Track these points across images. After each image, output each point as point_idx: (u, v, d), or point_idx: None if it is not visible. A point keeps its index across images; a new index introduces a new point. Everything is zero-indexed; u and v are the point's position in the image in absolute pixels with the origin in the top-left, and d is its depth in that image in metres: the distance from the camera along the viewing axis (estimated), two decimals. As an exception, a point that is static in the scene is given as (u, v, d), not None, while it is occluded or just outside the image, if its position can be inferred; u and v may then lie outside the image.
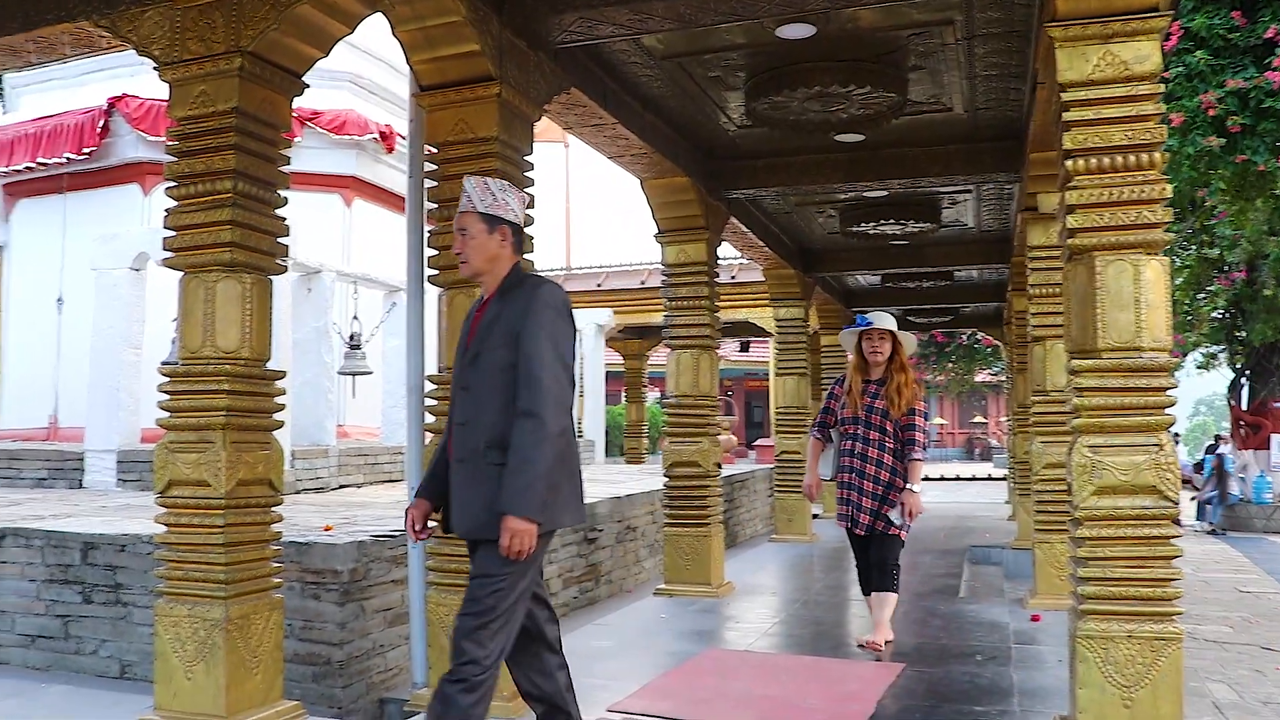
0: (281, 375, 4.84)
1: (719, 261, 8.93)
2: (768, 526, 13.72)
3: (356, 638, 5.63)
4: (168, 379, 4.68)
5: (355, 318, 10.26)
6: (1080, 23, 4.16)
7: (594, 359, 16.66)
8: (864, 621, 7.65)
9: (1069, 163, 4.21)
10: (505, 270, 3.71)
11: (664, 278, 8.54)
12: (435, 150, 5.19)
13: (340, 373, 10.19)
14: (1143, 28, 4.11)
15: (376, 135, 11.50)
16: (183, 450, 4.55)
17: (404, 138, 11.94)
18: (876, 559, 6.36)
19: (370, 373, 10.46)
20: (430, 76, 5.15)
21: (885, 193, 9.44)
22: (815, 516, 13.70)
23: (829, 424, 6.68)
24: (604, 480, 11.68)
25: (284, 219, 4.87)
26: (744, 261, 14.66)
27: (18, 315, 12.25)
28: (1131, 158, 4.11)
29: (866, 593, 6.59)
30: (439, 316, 5.12)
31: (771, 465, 13.54)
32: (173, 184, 4.75)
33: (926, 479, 27.79)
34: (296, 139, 4.91)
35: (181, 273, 4.70)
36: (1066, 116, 4.22)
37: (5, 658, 6.42)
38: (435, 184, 5.16)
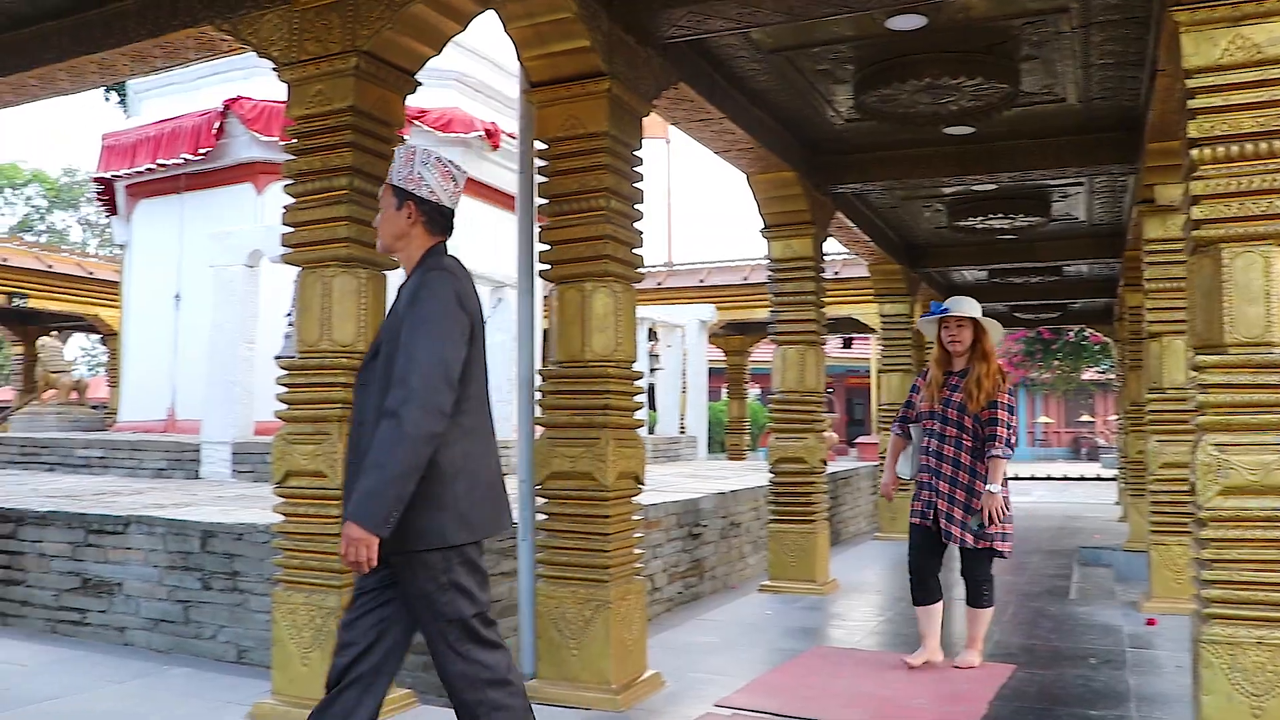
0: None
1: (823, 256, 8.86)
2: (871, 524, 13.56)
3: (466, 628, 5.70)
4: (284, 371, 4.80)
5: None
6: (1208, 6, 4.01)
7: (697, 355, 16.62)
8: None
9: (1194, 152, 4.06)
10: (419, 253, 3.40)
11: (770, 273, 8.49)
12: (545, 146, 5.23)
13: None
14: (1277, 8, 3.94)
15: (482, 133, 11.64)
16: (300, 442, 4.65)
17: (509, 135, 12.13)
18: (967, 574, 5.81)
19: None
20: (541, 73, 5.19)
21: (994, 186, 9.28)
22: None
23: (910, 419, 6.11)
24: (707, 476, 11.66)
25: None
26: (848, 256, 14.52)
27: (138, 312, 12.69)
28: (1263, 145, 3.94)
29: (918, 602, 5.89)
30: (551, 311, 5.16)
31: (875, 463, 13.39)
32: (290, 181, 4.85)
33: (1030, 478, 27.26)
34: (404, 137, 5.03)
35: (299, 268, 4.79)
36: (1192, 104, 4.07)
37: (131, 639, 6.63)
38: (545, 180, 5.20)
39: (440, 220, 3.48)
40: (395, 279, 6.26)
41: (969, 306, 5.78)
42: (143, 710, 4.92)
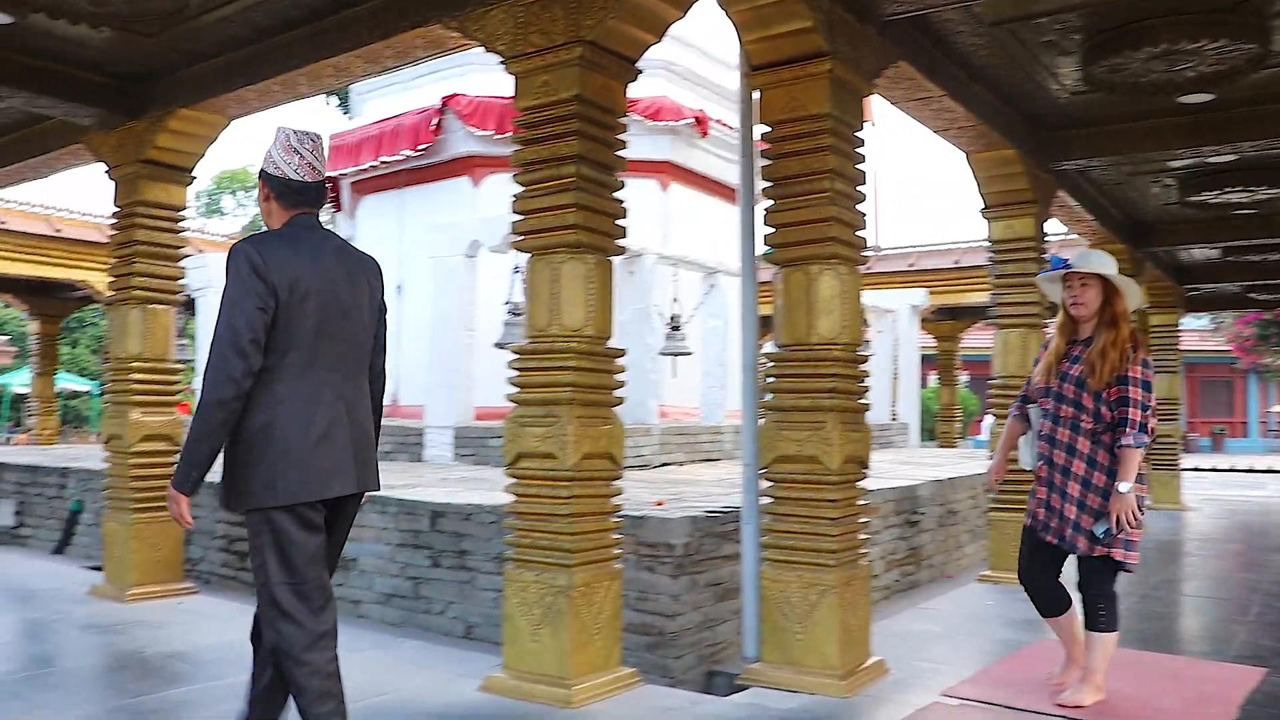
0: (622, 353, 5.02)
1: (1045, 237, 8.54)
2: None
3: (688, 610, 5.76)
4: (516, 356, 4.94)
5: (675, 299, 10.50)
6: None
7: (908, 341, 16.28)
8: (1210, 622, 7.15)
9: None
10: (277, 225, 3.50)
11: (990, 255, 8.24)
12: (767, 129, 5.21)
13: (661, 353, 10.44)
14: None
15: (691, 120, 11.69)
16: (531, 424, 4.78)
17: (718, 122, 12.15)
18: (1081, 588, 4.72)
19: (690, 353, 10.68)
20: (761, 55, 5.16)
21: (1234, 157, 8.72)
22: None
23: (1030, 399, 5.01)
24: (921, 463, 11.44)
25: (622, 201, 5.04)
26: (1070, 237, 13.96)
27: (364, 302, 13.27)
28: None
29: (1044, 614, 4.93)
30: (775, 294, 5.14)
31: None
32: (519, 170, 4.97)
33: (1267, 471, 25.62)
34: (626, 124, 5.12)
35: (528, 254, 4.91)
36: None
37: (365, 613, 6.98)
38: (768, 163, 5.18)
39: (290, 194, 3.50)
40: (619, 263, 6.34)
41: (1097, 261, 4.77)
42: (382, 679, 5.14)
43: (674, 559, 5.67)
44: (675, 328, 10.43)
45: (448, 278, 10.19)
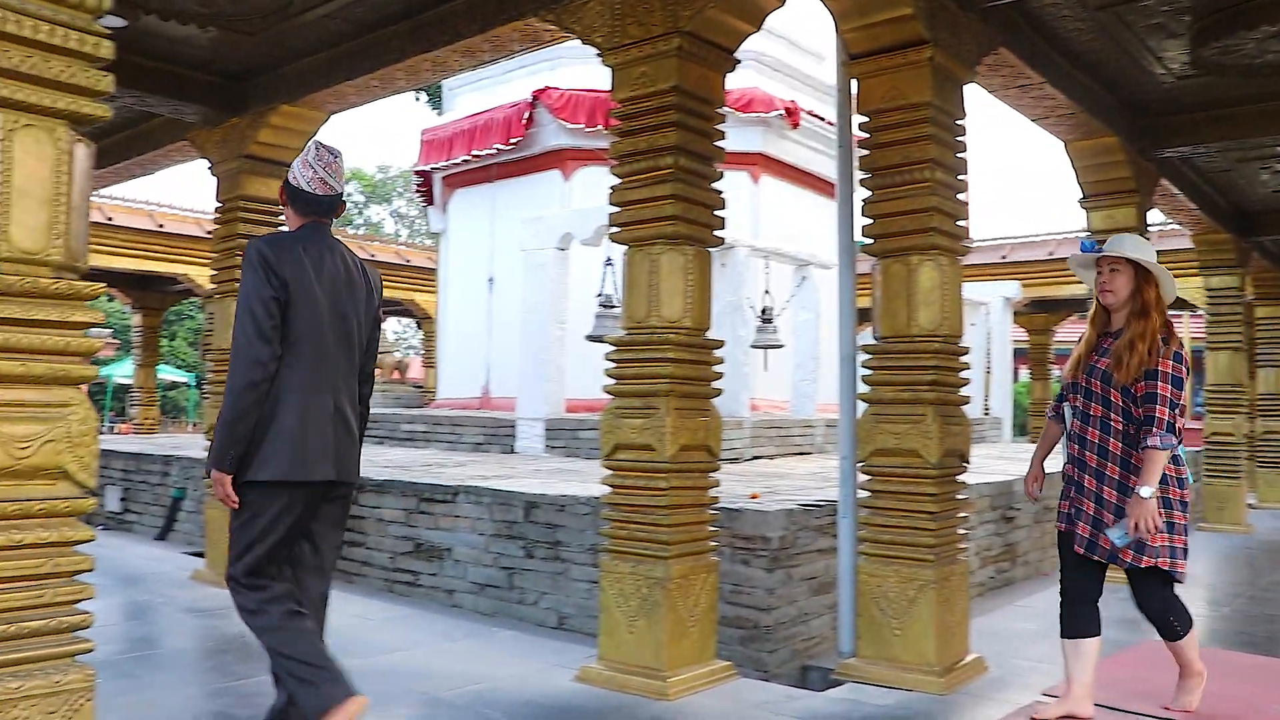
0: (720, 344, 5.01)
1: (1148, 227, 8.33)
2: (1193, 514, 12.71)
3: (783, 604, 5.73)
4: (613, 348, 4.94)
5: (767, 292, 10.44)
6: None
7: (1001, 334, 16.00)
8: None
9: None
10: (293, 229, 3.82)
11: (1088, 246, 8.05)
12: (866, 119, 5.15)
13: (753, 346, 10.40)
14: None
15: (782, 112, 11.61)
16: (629, 416, 4.79)
17: (809, 114, 12.06)
18: (1138, 604, 4.37)
19: (781, 346, 10.62)
20: (860, 44, 5.11)
21: (1351, 142, 8.42)
22: (1250, 506, 12.52)
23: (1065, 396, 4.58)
24: (1015, 458, 11.23)
25: (720, 193, 5.02)
26: (1171, 226, 13.60)
27: (454, 295, 13.44)
28: None
29: (1063, 633, 4.46)
30: (874, 285, 5.09)
31: (1199, 448, 12.50)
32: (617, 162, 4.98)
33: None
34: (724, 115, 5.13)
35: (626, 246, 4.92)
36: None
37: (458, 602, 7.05)
38: (867, 153, 5.12)
39: (302, 203, 3.81)
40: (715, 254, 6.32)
41: (1129, 245, 4.32)
42: (477, 668, 5.20)
43: (769, 552, 5.64)
44: (767, 320, 10.38)
45: (539, 271, 10.25)
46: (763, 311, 10.41)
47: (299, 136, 7.36)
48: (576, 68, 11.80)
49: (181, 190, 56.70)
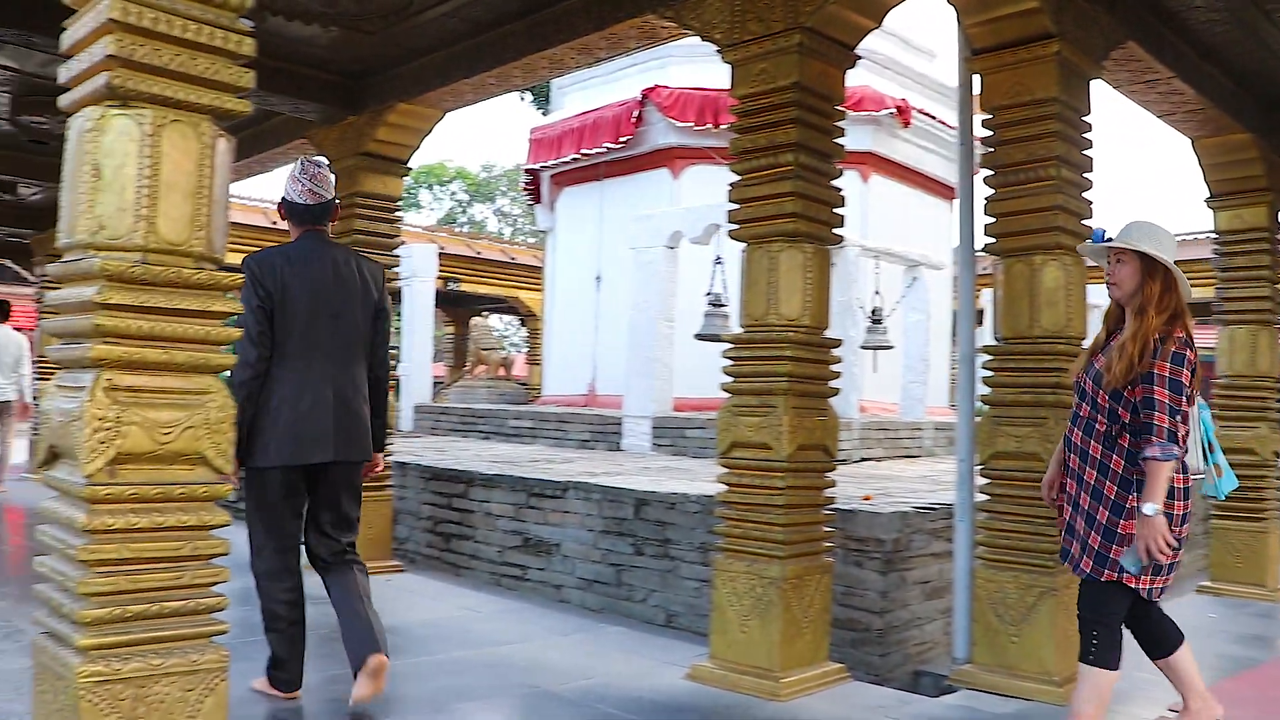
0: (838, 343, 4.96)
1: None
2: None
3: (896, 608, 5.65)
4: (730, 345, 4.92)
5: (877, 292, 10.32)
6: None
7: (1115, 338, 15.57)
8: None
9: None
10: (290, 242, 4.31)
11: (1216, 247, 7.79)
12: (989, 116, 5.05)
13: (862, 347, 10.28)
14: None
15: (893, 110, 11.47)
16: (746, 414, 4.76)
17: (920, 112, 11.89)
18: (1080, 608, 3.98)
19: (891, 347, 10.49)
20: (983, 39, 5.01)
21: None
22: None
23: None
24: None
25: (840, 190, 4.96)
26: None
27: (561, 293, 13.54)
28: None
29: (1151, 656, 4.22)
30: (995, 286, 4.99)
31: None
32: (736, 159, 4.95)
33: None
34: (845, 112, 5.09)
35: (744, 244, 4.89)
36: None
37: (566, 597, 7.09)
38: (989, 150, 5.02)
39: (296, 214, 4.32)
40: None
41: (1137, 234, 3.90)
42: (588, 663, 5.21)
43: (883, 554, 5.56)
44: (877, 321, 10.26)
45: (648, 268, 10.27)
46: (872, 312, 10.29)
47: (415, 134, 7.48)
48: (685, 66, 11.79)
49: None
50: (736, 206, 4.93)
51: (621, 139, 11.90)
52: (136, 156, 2.70)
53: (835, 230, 4.94)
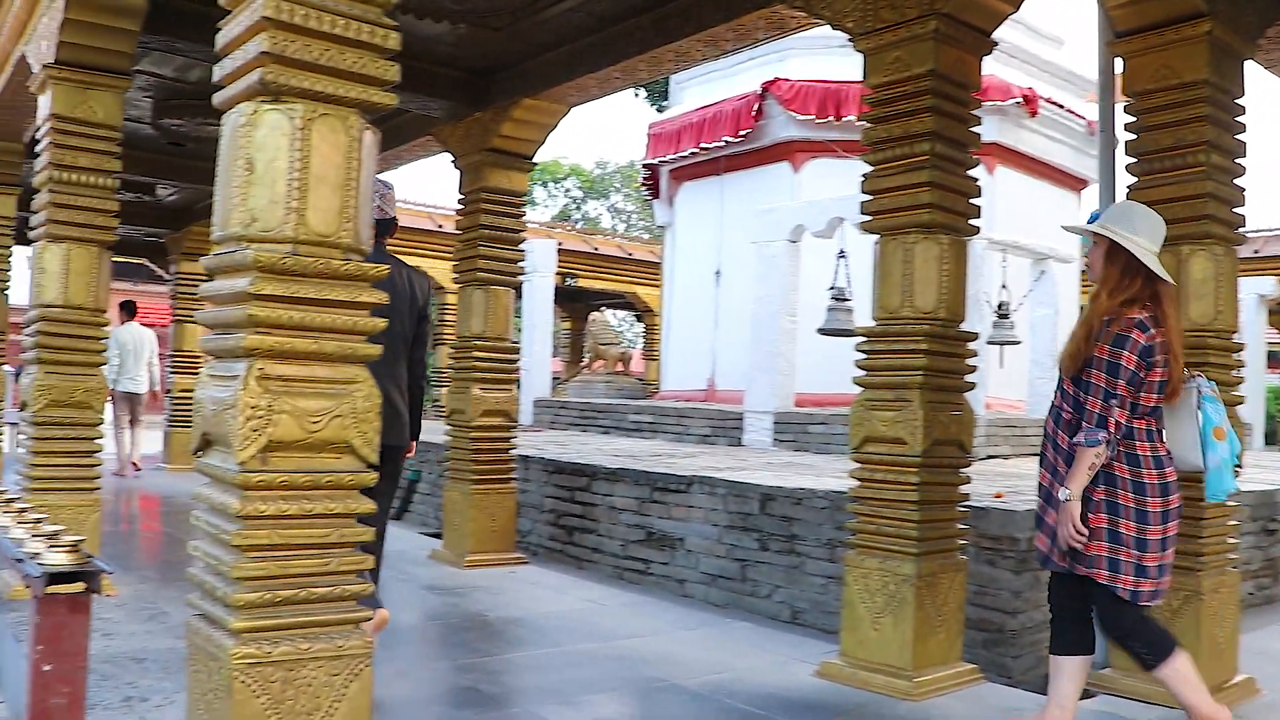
0: (974, 337, 4.84)
1: None
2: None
3: (1030, 608, 5.51)
4: (864, 339, 4.85)
5: (1004, 286, 10.09)
6: None
7: (1253, 333, 14.92)
8: None
9: None
10: None
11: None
12: (1131, 101, 4.87)
13: (988, 342, 10.06)
14: None
15: (1019, 99, 11.20)
16: (880, 408, 4.67)
17: (1047, 101, 11.59)
18: (1099, 624, 3.89)
19: (1018, 342, 10.25)
20: (1127, 20, 4.83)
21: None
22: None
23: None
24: (1271, 467, 10.52)
25: (976, 180, 4.85)
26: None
27: (680, 288, 13.54)
28: None
29: (1053, 649, 3.99)
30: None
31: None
32: (868, 149, 4.87)
33: None
34: (981, 101, 4.96)
35: (878, 235, 4.81)
36: None
37: (689, 591, 7.08)
38: (1132, 136, 4.85)
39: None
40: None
41: (1109, 216, 3.88)
42: (714, 657, 5.19)
43: (1017, 554, 5.43)
44: (1003, 316, 10.02)
45: (769, 263, 10.20)
46: (999, 306, 10.06)
47: (540, 129, 7.53)
48: (806, 58, 11.69)
49: (414, 185, 59.14)
50: (869, 198, 4.85)
51: (741, 132, 11.85)
52: (287, 150, 2.75)
53: (971, 221, 4.82)
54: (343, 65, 2.83)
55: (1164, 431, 3.81)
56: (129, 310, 12.61)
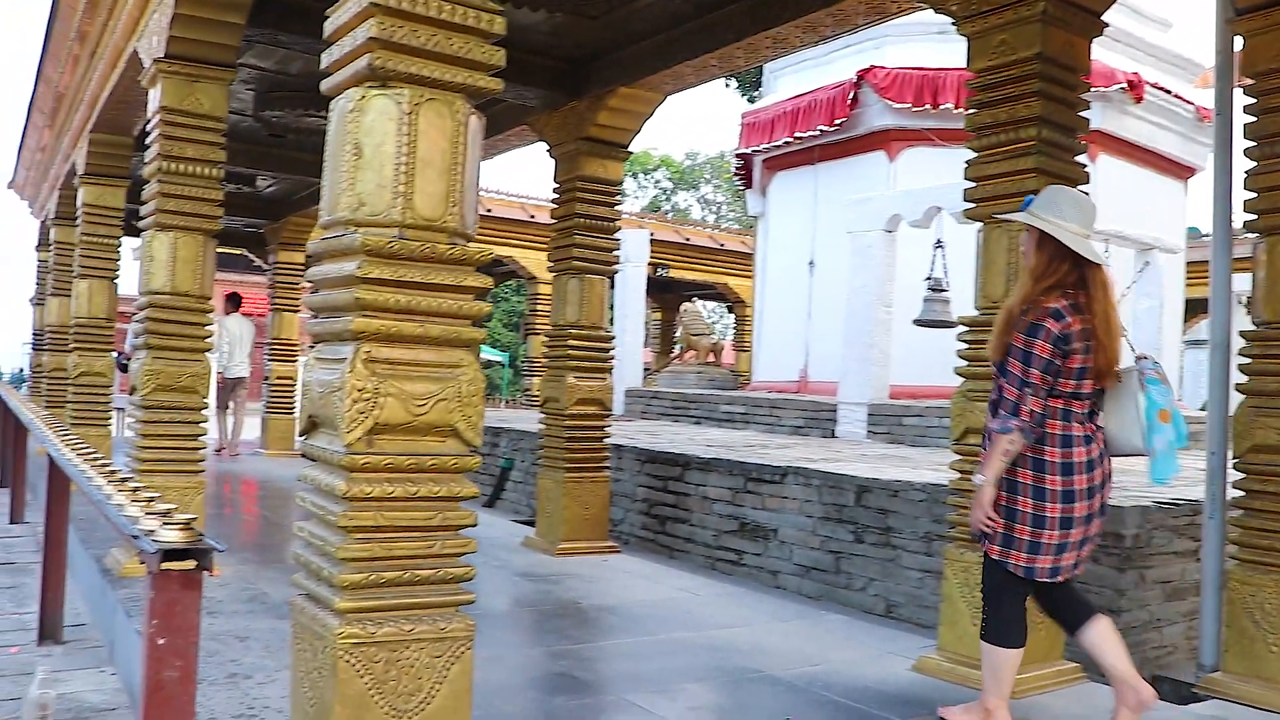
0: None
1: None
2: None
3: (1134, 607, 5.37)
4: (966, 329, 4.75)
5: (1106, 277, 9.84)
6: None
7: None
8: None
9: None
10: None
11: None
12: (1252, 82, 4.70)
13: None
14: None
15: (1124, 85, 10.91)
16: (980, 399, 4.57)
17: (1153, 86, 11.28)
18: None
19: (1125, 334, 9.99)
20: (1249, -2, 4.66)
21: None
22: None
23: None
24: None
25: (1085, 166, 4.73)
26: None
27: (773, 278, 13.46)
28: None
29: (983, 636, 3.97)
30: (1255, 266, 4.64)
31: None
32: (972, 135, 4.77)
33: None
34: (1090, 85, 4.81)
35: (981, 223, 4.71)
36: None
37: (782, 583, 7.04)
38: (1253, 119, 4.68)
39: None
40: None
41: (1042, 201, 3.84)
42: (809, 649, 5.14)
43: (1121, 551, 5.29)
44: (1107, 308, 9.77)
45: (865, 253, 10.09)
46: (1101, 298, 9.80)
47: (636, 118, 7.51)
48: (902, 46, 11.53)
49: (506, 176, 59.69)
50: (972, 184, 4.75)
51: (836, 121, 11.74)
52: (395, 135, 2.78)
53: (1079, 208, 4.69)
54: (449, 50, 2.84)
55: (1099, 414, 3.80)
56: (235, 302, 13.22)
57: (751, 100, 19.85)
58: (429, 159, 2.80)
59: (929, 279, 9.30)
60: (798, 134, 12.21)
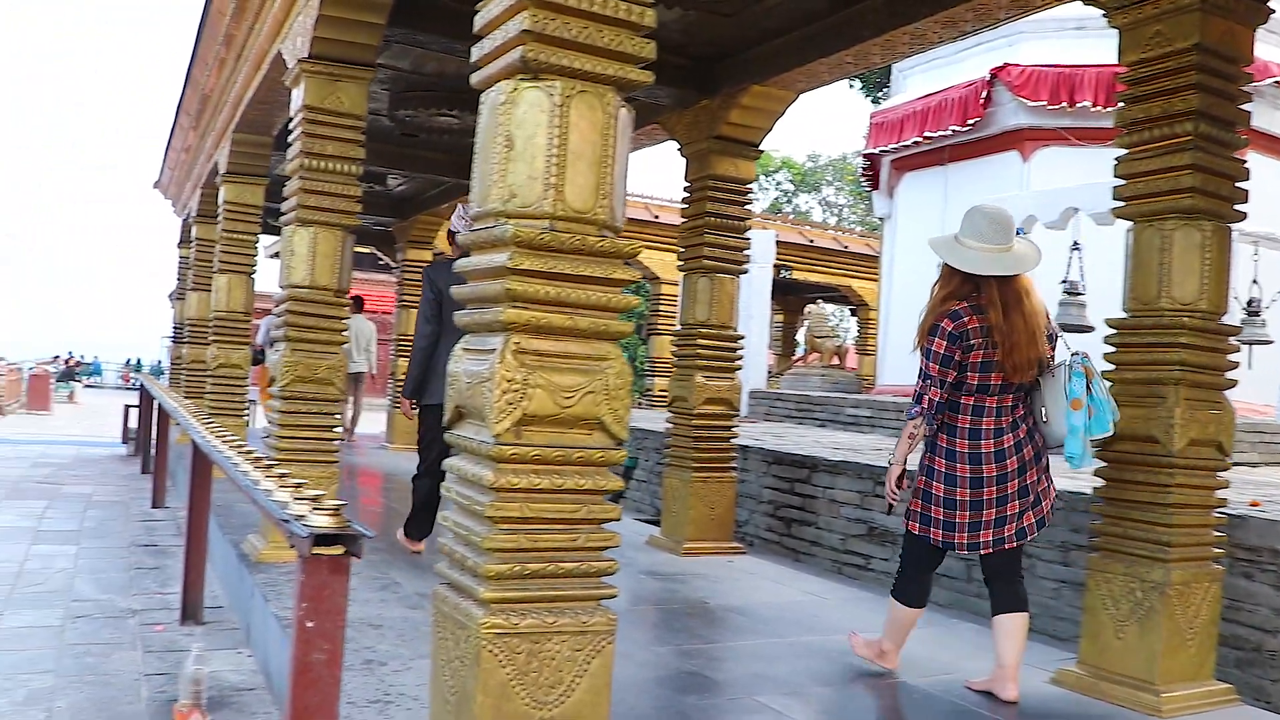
0: (1236, 331, 4.56)
1: None
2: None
3: (1291, 625, 5.14)
4: (1113, 330, 4.61)
5: (1255, 281, 9.46)
6: None
7: None
8: None
9: None
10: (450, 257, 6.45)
11: None
12: None
13: (1236, 341, 9.46)
14: None
15: (1277, 79, 10.47)
16: (1130, 404, 4.42)
17: (1308, 83, 10.79)
18: None
19: (1270, 342, 9.58)
20: None
21: None
22: None
23: None
24: None
25: (1244, 162, 4.54)
26: None
27: (899, 280, 13.25)
28: None
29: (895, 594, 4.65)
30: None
31: None
32: (1123, 130, 4.61)
33: None
34: (1251, 76, 4.58)
35: (1131, 221, 4.55)
36: None
37: (911, 592, 6.90)
38: None
39: (456, 240, 6.27)
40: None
41: (961, 224, 4.44)
42: (942, 657, 5.04)
43: (1278, 567, 5.06)
44: (1254, 313, 9.39)
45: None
46: (1249, 303, 9.43)
47: (768, 116, 7.46)
48: (1037, 43, 11.26)
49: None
50: (1123, 182, 4.59)
51: (969, 121, 11.52)
52: (546, 127, 2.79)
53: (1236, 207, 4.52)
54: (600, 43, 2.84)
55: (1029, 407, 4.32)
56: (358, 304, 14.00)
57: (877, 101, 19.61)
58: (580, 151, 2.80)
59: (1065, 281, 9.04)
60: (928, 134, 12.01)
